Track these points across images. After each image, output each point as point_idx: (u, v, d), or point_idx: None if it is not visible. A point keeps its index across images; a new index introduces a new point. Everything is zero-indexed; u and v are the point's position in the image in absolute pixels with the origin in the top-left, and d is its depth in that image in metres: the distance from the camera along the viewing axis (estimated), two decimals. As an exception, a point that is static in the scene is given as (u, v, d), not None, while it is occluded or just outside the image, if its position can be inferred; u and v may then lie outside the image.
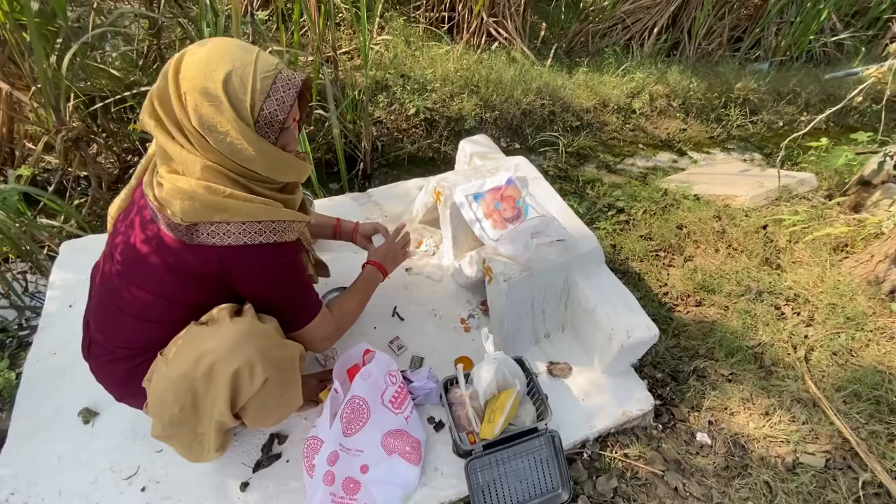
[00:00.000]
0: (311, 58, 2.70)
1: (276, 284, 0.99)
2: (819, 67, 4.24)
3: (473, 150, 1.88)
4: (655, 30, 3.92)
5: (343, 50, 3.26)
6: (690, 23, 3.99)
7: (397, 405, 1.21)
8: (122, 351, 0.99)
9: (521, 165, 1.72)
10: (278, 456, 1.24)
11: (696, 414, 1.49)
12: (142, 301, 0.94)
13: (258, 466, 1.21)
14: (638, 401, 1.41)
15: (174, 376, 0.89)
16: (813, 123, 2.02)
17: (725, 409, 1.50)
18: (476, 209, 1.48)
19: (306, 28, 2.88)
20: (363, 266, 1.33)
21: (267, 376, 0.91)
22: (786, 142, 2.16)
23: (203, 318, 0.95)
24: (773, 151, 3.41)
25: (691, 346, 1.70)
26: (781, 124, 3.68)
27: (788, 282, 1.92)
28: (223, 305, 0.95)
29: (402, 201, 1.97)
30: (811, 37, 4.19)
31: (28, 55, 2.09)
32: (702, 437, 1.43)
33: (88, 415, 1.30)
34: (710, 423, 1.46)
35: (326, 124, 2.64)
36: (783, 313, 1.82)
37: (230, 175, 0.90)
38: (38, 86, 2.11)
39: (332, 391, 1.16)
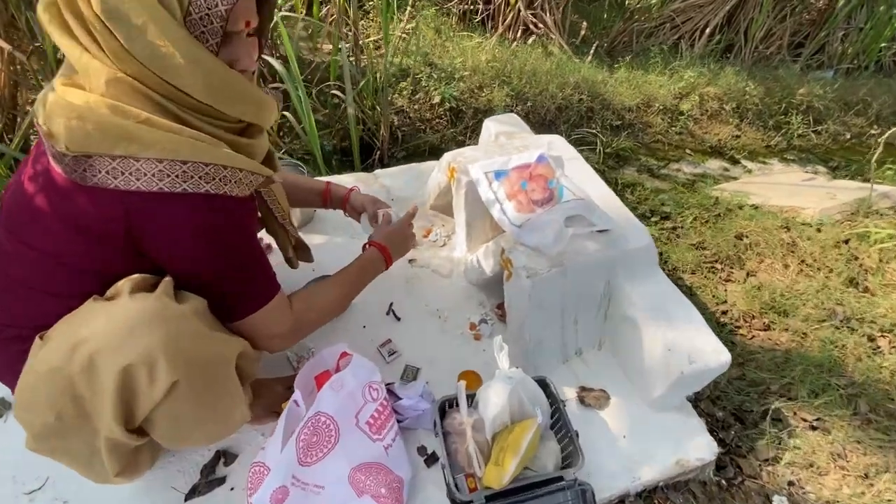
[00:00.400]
0: (328, 46, 2.50)
1: (209, 250, 0.70)
2: (892, 78, 3.83)
3: (500, 131, 1.60)
4: (707, 30, 3.60)
5: (371, 38, 3.08)
6: (747, 24, 3.65)
7: (376, 429, 0.91)
8: (8, 329, 0.73)
9: (555, 143, 1.43)
10: (221, 481, 0.96)
11: (770, 469, 1.14)
12: (26, 259, 0.68)
13: (193, 493, 0.94)
14: (696, 447, 1.07)
15: (43, 369, 0.62)
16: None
17: (811, 465, 1.14)
18: (497, 188, 1.19)
19: (333, 16, 2.70)
20: (363, 247, 1.06)
21: (176, 378, 0.63)
22: (885, 136, 1.79)
23: (108, 293, 0.69)
24: (839, 165, 3.03)
25: (761, 380, 1.35)
26: (849, 136, 3.28)
27: (882, 308, 1.55)
28: (133, 276, 0.68)
29: (412, 185, 1.70)
30: (882, 44, 3.80)
31: (25, 8, 1.95)
32: (780, 502, 1.08)
33: (3, 408, 1.06)
34: (790, 483, 1.11)
35: (342, 107, 2.42)
36: (878, 347, 1.45)
37: (153, 97, 0.63)
38: (36, 44, 1.96)
39: (290, 403, 0.88)
